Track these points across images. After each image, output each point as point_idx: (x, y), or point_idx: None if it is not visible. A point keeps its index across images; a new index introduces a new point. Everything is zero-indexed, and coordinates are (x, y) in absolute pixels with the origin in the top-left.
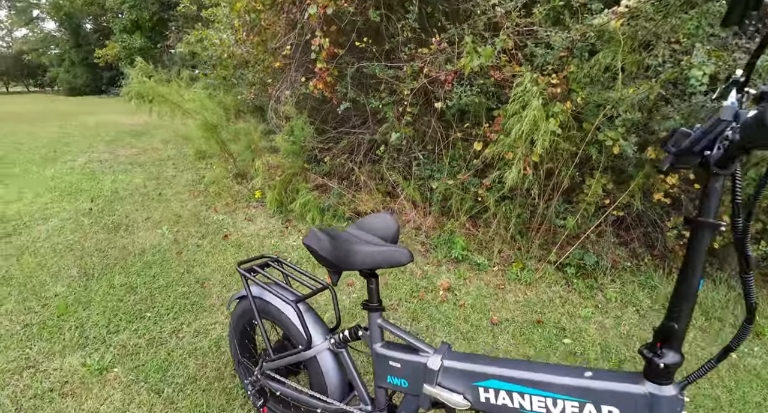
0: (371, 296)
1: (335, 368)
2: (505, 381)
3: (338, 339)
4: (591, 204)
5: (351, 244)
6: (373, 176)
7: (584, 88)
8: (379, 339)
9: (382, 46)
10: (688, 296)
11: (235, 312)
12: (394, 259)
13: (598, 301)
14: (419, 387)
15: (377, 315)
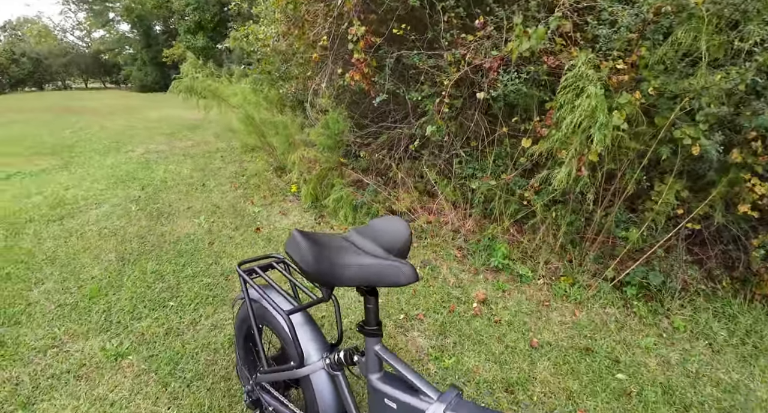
0: (368, 317)
1: (330, 391)
2: None
3: (333, 361)
4: (660, 214)
5: (339, 254)
6: (412, 173)
7: (657, 76)
8: (377, 369)
9: (424, 35)
10: None
11: (239, 314)
12: (391, 277)
13: (663, 329)
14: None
15: (375, 341)
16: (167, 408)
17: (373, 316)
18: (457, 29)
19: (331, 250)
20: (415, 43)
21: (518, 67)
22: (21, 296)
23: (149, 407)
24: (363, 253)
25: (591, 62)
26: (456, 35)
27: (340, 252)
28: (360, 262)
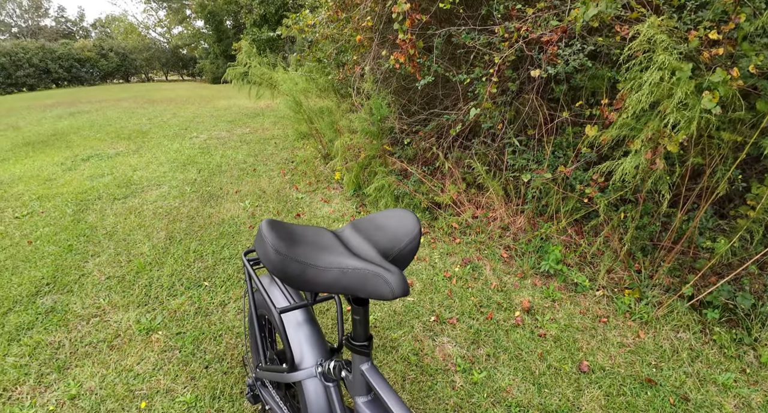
0: (356, 330)
1: (321, 403)
2: None
3: (325, 371)
4: (758, 222)
5: (316, 254)
6: (462, 163)
7: (761, 51)
8: (364, 392)
9: (477, 12)
10: None
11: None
12: (371, 287)
13: (747, 363)
14: None
15: (363, 359)
16: (183, 387)
17: (362, 330)
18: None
19: (306, 247)
20: (466, 21)
21: (584, 39)
22: (77, 267)
23: (168, 384)
24: (349, 254)
25: (664, 33)
26: (512, 7)
27: (318, 251)
28: (342, 265)
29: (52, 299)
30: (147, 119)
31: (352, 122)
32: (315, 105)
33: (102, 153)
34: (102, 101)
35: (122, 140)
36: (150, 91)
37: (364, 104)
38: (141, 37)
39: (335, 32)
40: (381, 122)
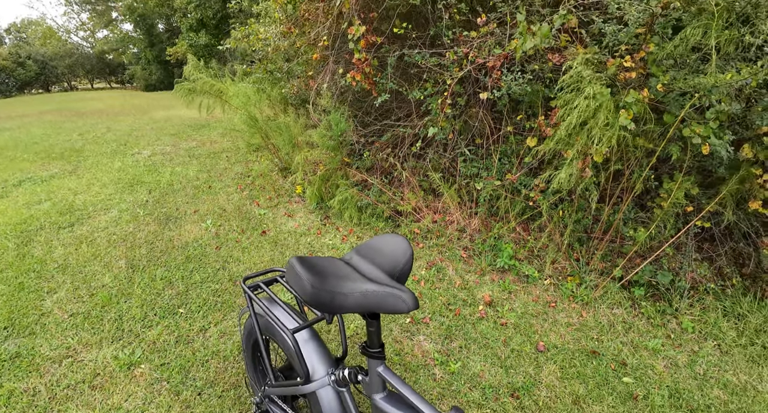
0: (371, 340)
1: (336, 407)
2: None
3: (339, 377)
4: (669, 212)
5: (340, 282)
6: (417, 172)
7: (666, 72)
8: (380, 390)
9: (426, 32)
10: None
11: (245, 325)
12: (392, 305)
13: (671, 330)
14: None
15: (378, 363)
16: None
17: (376, 339)
18: (460, 27)
19: (332, 278)
20: (416, 41)
21: (522, 65)
22: (34, 307)
23: None
24: (365, 279)
25: (590, 62)
26: (459, 33)
27: (341, 280)
28: (362, 289)
29: (15, 343)
30: (78, 134)
31: (311, 136)
32: (267, 117)
33: (34, 176)
34: (24, 116)
35: (54, 159)
36: (76, 102)
37: (323, 119)
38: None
39: (288, 46)
40: (340, 136)
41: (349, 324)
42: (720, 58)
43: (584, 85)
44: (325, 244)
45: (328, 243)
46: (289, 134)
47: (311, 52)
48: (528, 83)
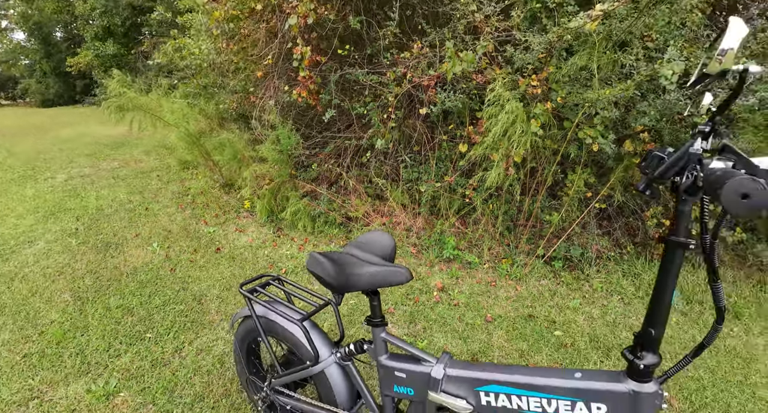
0: (374, 312)
1: (343, 380)
2: (504, 385)
3: (344, 353)
4: (574, 198)
5: (353, 267)
6: (362, 179)
7: (563, 88)
8: (384, 352)
9: (364, 51)
10: (663, 307)
11: (238, 331)
12: (395, 279)
13: (585, 292)
14: (424, 395)
15: (381, 330)
16: None
17: (378, 311)
18: (396, 47)
19: (345, 264)
20: (356, 60)
21: (453, 84)
22: None
23: None
24: (369, 264)
25: (507, 85)
26: (396, 54)
27: (352, 265)
28: (369, 271)
29: None
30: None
31: (259, 151)
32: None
33: None
34: None
35: None
36: None
37: (270, 134)
38: None
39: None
40: (289, 151)
41: (326, 318)
42: (602, 76)
43: (504, 102)
44: (283, 255)
45: (286, 254)
46: (233, 149)
47: (251, 69)
48: (458, 99)
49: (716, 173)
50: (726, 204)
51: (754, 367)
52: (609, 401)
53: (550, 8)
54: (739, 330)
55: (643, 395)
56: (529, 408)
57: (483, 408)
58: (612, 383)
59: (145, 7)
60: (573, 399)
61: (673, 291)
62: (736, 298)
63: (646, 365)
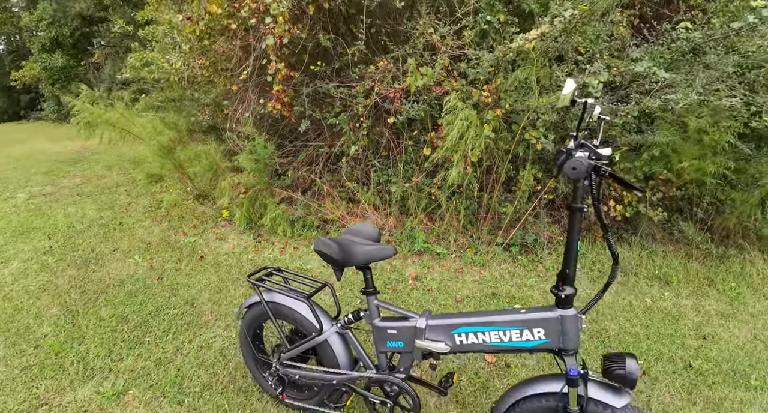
0: (368, 284)
1: (343, 346)
2: (471, 326)
3: (344, 323)
4: (525, 192)
5: (351, 247)
6: (334, 184)
7: (510, 96)
8: (377, 316)
9: (332, 66)
10: (572, 253)
11: (245, 320)
12: (384, 254)
13: (539, 272)
14: (412, 344)
15: (374, 298)
16: None
17: (371, 282)
18: (362, 63)
19: (346, 245)
20: (326, 73)
21: (416, 96)
22: None
23: None
24: (362, 244)
25: (462, 95)
26: (364, 70)
27: (350, 246)
28: (364, 249)
29: None
30: None
31: (238, 162)
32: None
33: None
34: None
35: None
36: None
37: (247, 145)
38: None
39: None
40: (267, 159)
41: None
42: (540, 87)
43: (459, 111)
44: (266, 258)
45: (269, 257)
46: (210, 160)
47: (223, 83)
48: (421, 109)
49: (577, 159)
50: (567, 173)
51: (683, 323)
52: (545, 325)
53: (496, 28)
54: (670, 294)
55: (567, 317)
56: (491, 340)
57: (457, 346)
58: (546, 312)
59: (96, 18)
60: (520, 328)
61: (578, 243)
62: (667, 268)
63: (566, 295)
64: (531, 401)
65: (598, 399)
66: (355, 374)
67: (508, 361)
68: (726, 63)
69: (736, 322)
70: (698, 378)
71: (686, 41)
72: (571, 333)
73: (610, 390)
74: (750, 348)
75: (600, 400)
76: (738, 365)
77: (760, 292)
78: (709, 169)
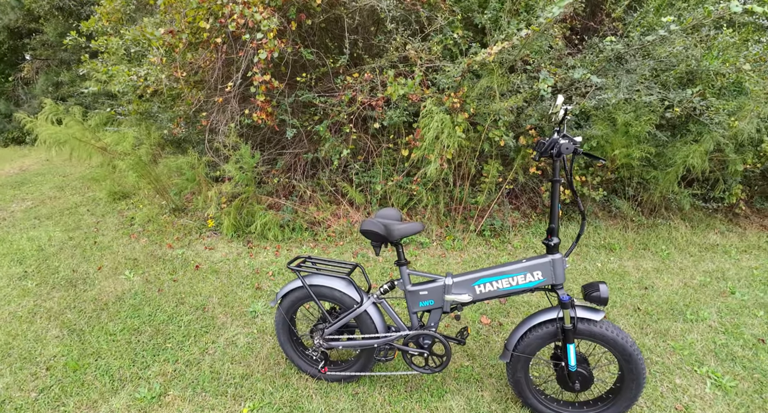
0: (400, 257)
1: (379, 314)
2: (487, 277)
3: (380, 292)
4: (491, 184)
5: (390, 226)
6: (315, 188)
7: (474, 101)
8: (409, 282)
9: (311, 76)
10: (555, 213)
11: (282, 306)
12: (415, 229)
13: (509, 250)
14: (442, 300)
15: (405, 268)
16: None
17: (403, 255)
18: (341, 74)
19: (386, 225)
20: (306, 83)
21: (396, 103)
22: None
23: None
24: (396, 223)
25: (434, 102)
26: (347, 81)
27: (389, 225)
28: (399, 228)
29: None
30: None
31: (222, 171)
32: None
33: None
34: None
35: None
36: None
37: (232, 154)
38: None
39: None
40: (253, 168)
41: None
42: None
43: (435, 114)
44: (263, 262)
45: (265, 260)
46: (192, 172)
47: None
48: (402, 115)
49: (559, 144)
50: (558, 153)
51: (628, 278)
52: (541, 268)
53: (457, 42)
54: (615, 258)
55: (556, 260)
56: (502, 286)
57: (477, 295)
58: (540, 259)
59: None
60: (524, 273)
61: (558, 206)
62: (610, 238)
63: (554, 244)
64: (536, 330)
65: (583, 316)
66: (395, 334)
67: (500, 321)
68: (644, 68)
69: (669, 275)
70: (646, 317)
71: (611, 51)
72: (560, 271)
73: (590, 310)
74: (683, 292)
75: (584, 317)
76: (675, 305)
77: (685, 251)
78: (635, 154)
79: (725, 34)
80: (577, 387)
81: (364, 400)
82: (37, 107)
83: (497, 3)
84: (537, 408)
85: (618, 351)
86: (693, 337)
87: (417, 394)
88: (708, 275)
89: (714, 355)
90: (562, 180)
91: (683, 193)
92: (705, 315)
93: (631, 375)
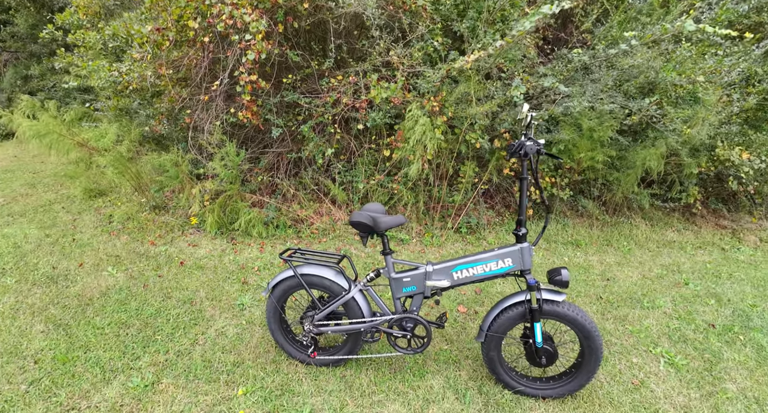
0: (385, 246)
1: (365, 301)
2: (464, 264)
3: (367, 280)
4: (467, 184)
5: (377, 218)
6: (298, 187)
7: (452, 106)
8: (393, 270)
9: (295, 76)
10: (523, 206)
11: (274, 295)
12: (399, 221)
13: (485, 246)
14: (423, 286)
15: (390, 257)
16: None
17: (387, 245)
18: (325, 76)
19: (373, 217)
20: (290, 84)
21: (379, 106)
22: None
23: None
24: (382, 215)
25: (419, 106)
26: (332, 84)
27: (376, 217)
28: (384, 219)
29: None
30: None
31: (206, 169)
32: (150, 158)
33: None
34: None
35: None
36: None
37: (217, 152)
38: None
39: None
40: (238, 166)
41: None
42: (476, 98)
43: (418, 117)
44: (248, 258)
45: (250, 257)
46: (176, 170)
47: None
48: (385, 117)
49: (526, 146)
50: (524, 153)
51: (592, 271)
52: (511, 255)
53: (437, 49)
54: (580, 253)
55: (524, 248)
56: (477, 272)
57: (455, 281)
58: (510, 247)
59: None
60: (496, 260)
61: (525, 200)
62: (576, 235)
63: (522, 234)
64: (507, 311)
65: (547, 298)
66: (380, 318)
67: (476, 309)
68: (608, 78)
69: (629, 268)
70: (607, 305)
71: (579, 62)
72: (527, 258)
73: (553, 292)
74: (641, 284)
75: (548, 298)
76: (633, 295)
77: (644, 247)
78: (599, 157)
79: (683, 48)
80: (544, 361)
81: (351, 382)
82: (5, 101)
83: (475, 13)
84: (508, 383)
85: (578, 329)
86: (649, 322)
87: (400, 375)
88: (665, 269)
89: (668, 338)
90: (530, 178)
91: (643, 193)
92: (660, 303)
93: (590, 350)
